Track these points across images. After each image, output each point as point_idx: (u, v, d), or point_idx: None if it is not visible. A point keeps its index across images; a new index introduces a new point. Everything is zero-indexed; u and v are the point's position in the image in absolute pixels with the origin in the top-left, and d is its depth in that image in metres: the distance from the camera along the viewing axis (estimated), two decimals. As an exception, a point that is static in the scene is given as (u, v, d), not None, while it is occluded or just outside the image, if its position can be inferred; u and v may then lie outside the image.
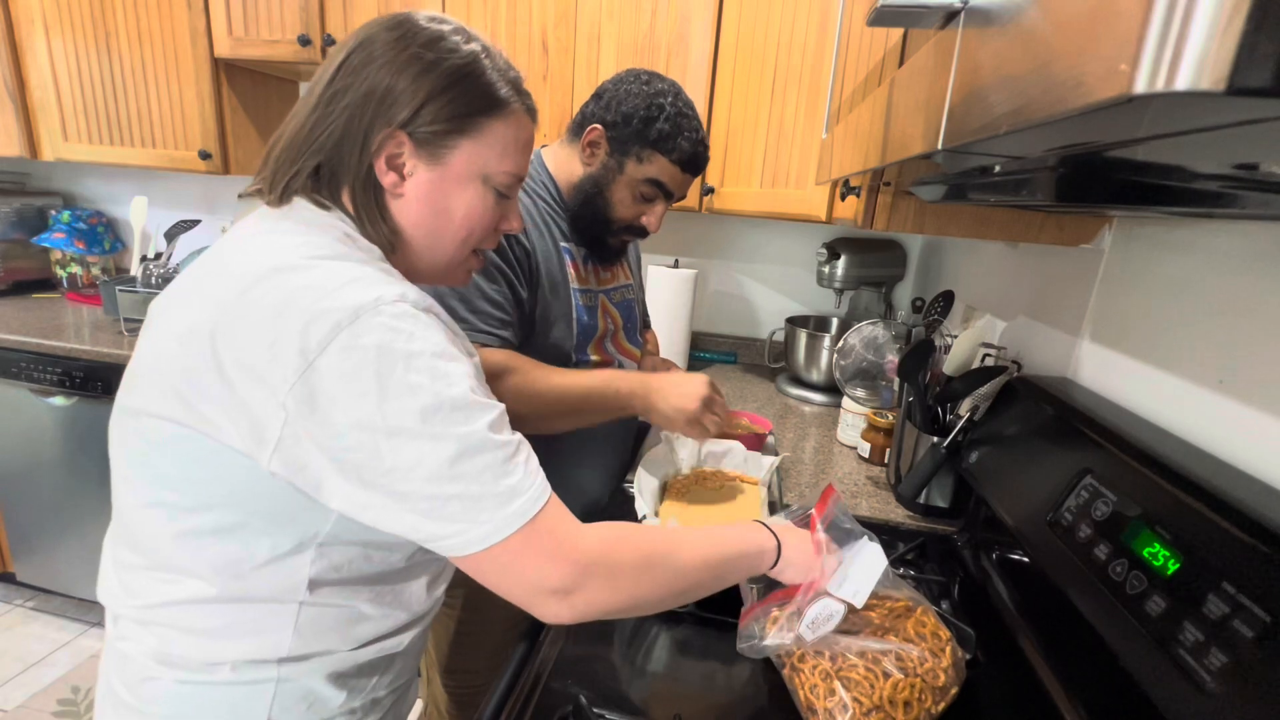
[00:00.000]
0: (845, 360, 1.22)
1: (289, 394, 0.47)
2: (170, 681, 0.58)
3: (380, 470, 0.48)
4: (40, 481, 1.83)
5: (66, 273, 2.24)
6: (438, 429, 0.49)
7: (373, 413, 0.47)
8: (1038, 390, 0.85)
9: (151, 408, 0.53)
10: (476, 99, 0.57)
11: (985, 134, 0.27)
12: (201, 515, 0.55)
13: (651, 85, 0.93)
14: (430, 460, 0.48)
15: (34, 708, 1.69)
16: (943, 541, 0.99)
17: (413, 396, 0.48)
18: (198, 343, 0.50)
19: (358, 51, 0.55)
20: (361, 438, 0.48)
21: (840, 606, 0.65)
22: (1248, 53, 0.15)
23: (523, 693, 0.64)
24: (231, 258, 0.54)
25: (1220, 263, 0.67)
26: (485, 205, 0.61)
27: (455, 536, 0.50)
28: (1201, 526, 0.52)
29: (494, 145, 0.59)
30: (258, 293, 0.49)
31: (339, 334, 0.47)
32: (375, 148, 0.55)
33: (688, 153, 0.94)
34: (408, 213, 0.58)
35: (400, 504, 0.50)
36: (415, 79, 0.54)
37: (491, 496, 0.50)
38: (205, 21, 1.72)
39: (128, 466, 0.57)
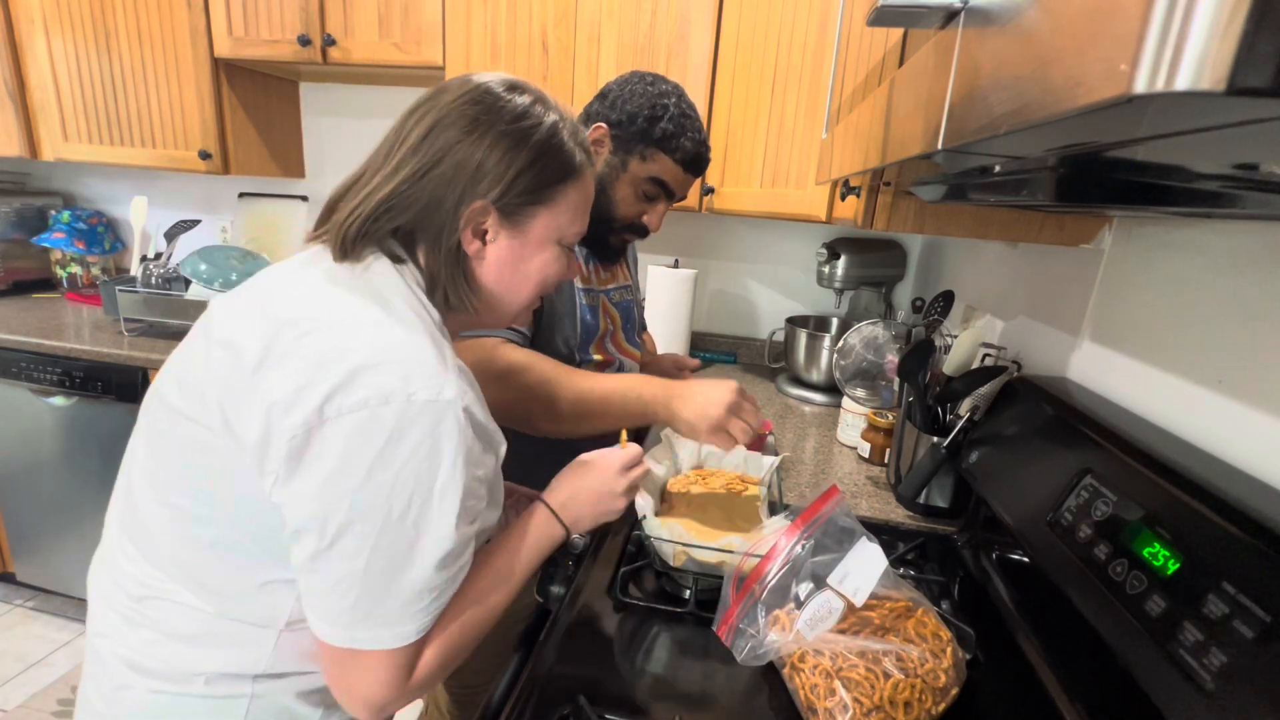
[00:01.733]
0: (845, 360, 1.22)
1: (293, 436, 0.49)
2: (143, 691, 0.58)
3: (315, 539, 0.50)
4: (40, 481, 1.83)
5: (66, 273, 2.24)
6: (384, 540, 0.51)
7: (344, 494, 0.49)
8: (1038, 390, 0.85)
9: (193, 412, 0.54)
10: (556, 170, 0.60)
11: (985, 134, 0.27)
12: (207, 527, 0.55)
13: (656, 86, 0.95)
14: (357, 561, 0.51)
15: (34, 708, 1.69)
16: (943, 541, 0.99)
17: (386, 498, 0.50)
18: (247, 366, 0.51)
19: (443, 125, 0.57)
20: (321, 501, 0.50)
21: (839, 603, 0.65)
22: (1248, 53, 0.15)
23: (523, 693, 0.64)
24: (302, 295, 0.55)
25: (1220, 263, 0.67)
26: (559, 263, 0.65)
27: (329, 625, 0.53)
28: (1201, 526, 0.52)
29: (567, 211, 0.63)
30: (311, 341, 0.51)
31: (363, 410, 0.49)
32: (464, 220, 0.57)
33: (690, 152, 0.95)
34: (486, 274, 0.62)
35: (310, 571, 0.52)
36: (504, 155, 0.57)
37: (379, 617, 0.53)
38: (205, 21, 1.72)
39: (154, 461, 0.58)
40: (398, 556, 0.52)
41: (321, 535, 0.50)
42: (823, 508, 0.74)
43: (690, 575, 0.79)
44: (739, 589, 0.70)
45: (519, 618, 1.06)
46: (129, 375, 1.66)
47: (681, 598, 0.80)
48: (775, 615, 0.67)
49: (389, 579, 0.52)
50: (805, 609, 0.66)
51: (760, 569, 0.70)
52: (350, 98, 2.08)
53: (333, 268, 0.57)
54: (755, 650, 0.66)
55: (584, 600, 0.78)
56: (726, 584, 0.72)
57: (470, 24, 1.56)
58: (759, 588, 0.69)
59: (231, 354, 0.53)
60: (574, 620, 0.75)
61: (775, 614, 0.67)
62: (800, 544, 0.71)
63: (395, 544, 0.51)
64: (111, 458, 1.76)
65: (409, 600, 0.53)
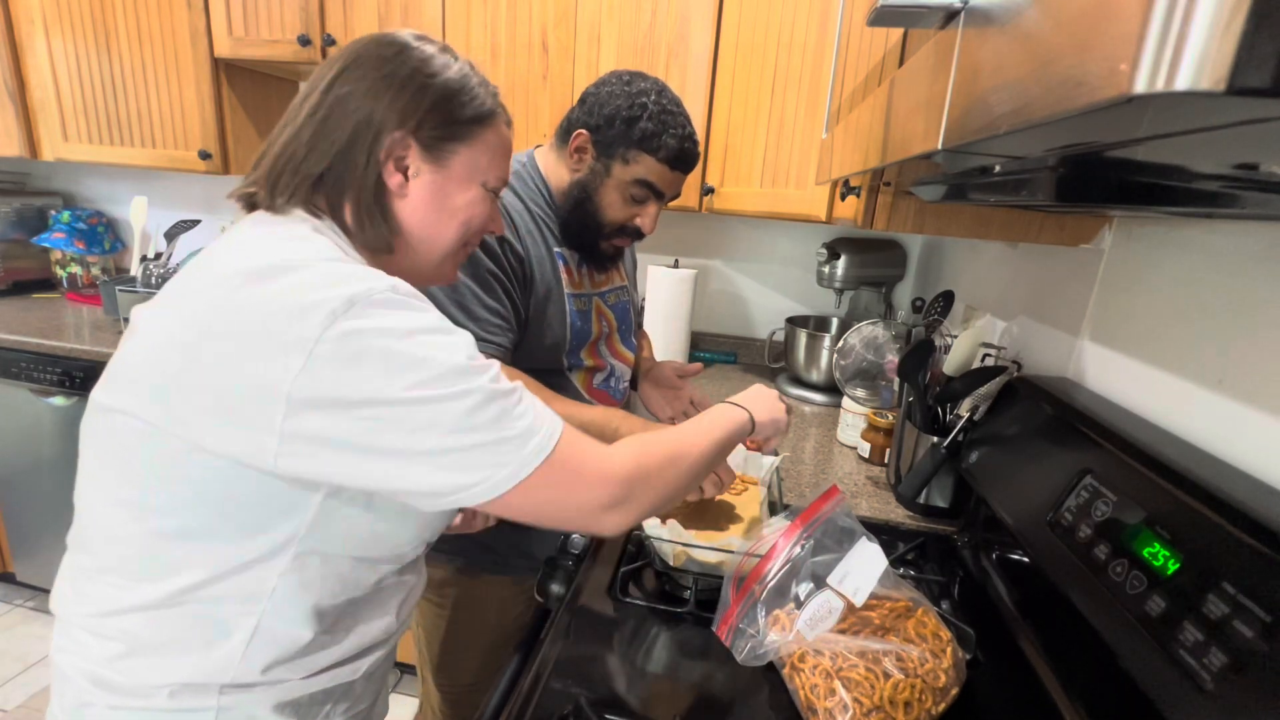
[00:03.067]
0: (845, 360, 1.22)
1: (292, 385, 0.47)
2: (103, 708, 0.56)
3: (399, 436, 0.49)
4: (40, 481, 1.83)
5: (66, 273, 2.24)
6: (446, 390, 0.50)
7: (383, 388, 0.49)
8: (1038, 390, 0.85)
9: (129, 406, 0.52)
10: (470, 110, 0.62)
11: (985, 134, 0.27)
12: (167, 517, 0.54)
13: (633, 85, 0.92)
14: (446, 417, 0.50)
15: (34, 708, 1.69)
16: (943, 541, 0.99)
17: (418, 369, 0.50)
18: (188, 345, 0.50)
19: (354, 67, 0.59)
20: (377, 412, 0.49)
21: (839, 603, 0.65)
22: (1248, 53, 0.15)
23: (522, 693, 0.64)
24: (222, 261, 0.54)
25: (1220, 263, 0.67)
26: (483, 205, 0.65)
27: (483, 482, 0.52)
28: (1201, 526, 0.52)
29: (486, 152, 0.64)
30: (249, 291, 0.50)
31: (335, 321, 0.48)
32: (384, 151, 0.58)
33: (674, 150, 0.92)
34: (411, 211, 0.62)
35: (423, 464, 0.50)
36: (417, 91, 0.59)
37: (511, 439, 0.52)
38: (205, 21, 1.72)
39: (96, 463, 0.56)
40: (460, 393, 0.51)
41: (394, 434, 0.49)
42: (823, 507, 0.74)
43: (690, 575, 0.79)
44: (739, 589, 0.70)
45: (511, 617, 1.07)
46: (129, 375, 1.65)
47: (681, 598, 0.80)
48: (775, 615, 0.67)
49: (481, 413, 0.51)
50: (805, 609, 0.66)
51: (760, 569, 0.70)
52: (350, 98, 2.08)
53: (256, 226, 0.58)
54: (755, 650, 0.66)
55: (584, 600, 0.78)
56: (726, 584, 0.72)
57: (470, 24, 1.56)
58: (759, 588, 0.69)
59: (168, 346, 0.51)
60: (574, 620, 0.75)
61: (775, 614, 0.67)
62: (800, 544, 0.71)
63: (451, 387, 0.50)
64: (111, 458, 1.76)
65: (508, 410, 0.53)
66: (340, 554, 0.58)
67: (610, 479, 0.56)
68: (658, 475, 0.60)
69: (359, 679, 0.64)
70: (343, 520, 0.56)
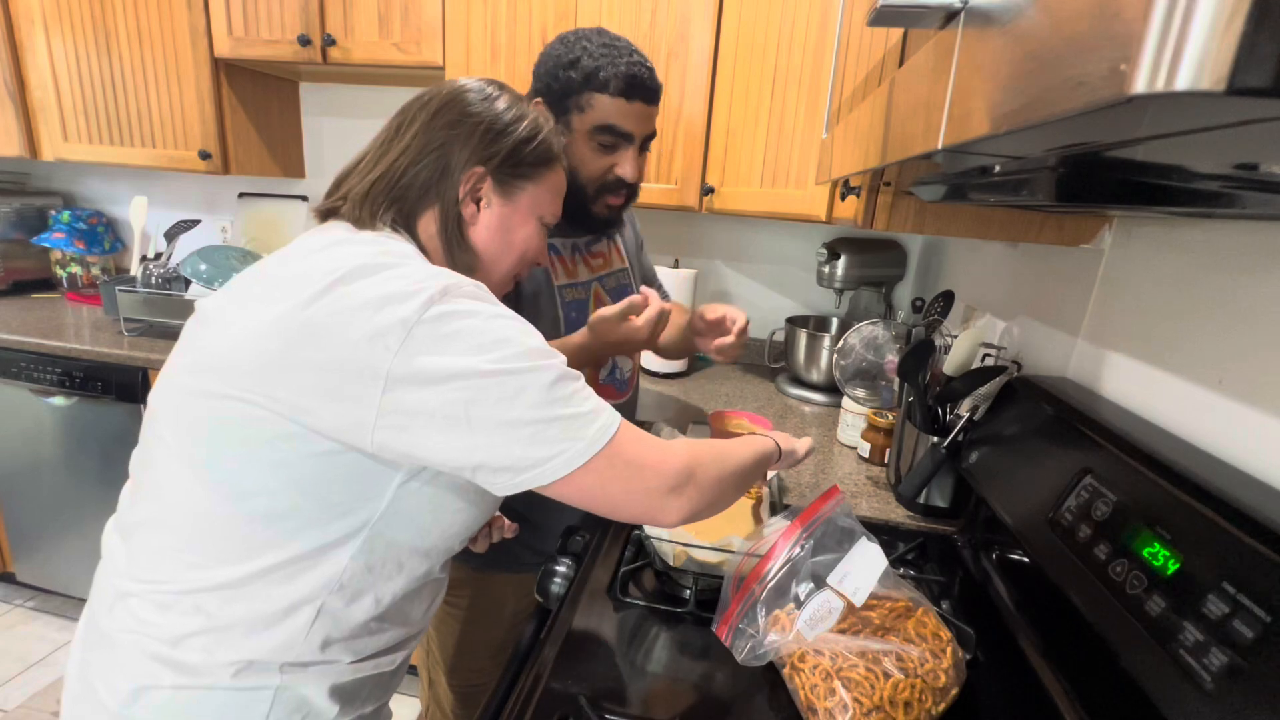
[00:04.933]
0: (845, 360, 1.22)
1: (393, 361, 0.52)
2: (168, 688, 0.57)
3: (486, 405, 0.53)
4: (40, 481, 1.83)
5: (66, 273, 2.24)
6: (531, 363, 0.55)
7: (473, 362, 0.53)
8: (1038, 390, 0.85)
9: (227, 390, 0.55)
10: (541, 153, 0.70)
11: (985, 134, 0.27)
12: (255, 500, 0.57)
13: (569, 35, 0.90)
14: (531, 388, 0.54)
15: (34, 708, 1.69)
16: (943, 541, 0.99)
17: (505, 345, 0.55)
18: (288, 331, 0.53)
19: (447, 110, 0.67)
20: (466, 383, 0.53)
21: (839, 603, 0.65)
22: (1248, 53, 0.15)
23: (523, 693, 0.64)
24: (314, 261, 0.57)
25: (1220, 263, 0.67)
26: (538, 240, 0.74)
27: (559, 456, 0.55)
28: (1201, 526, 0.52)
29: (549, 191, 0.73)
30: (352, 285, 0.54)
31: (432, 306, 0.53)
32: (464, 183, 0.66)
33: (624, 76, 0.86)
34: (478, 236, 0.69)
35: (507, 434, 0.54)
36: (499, 135, 0.67)
37: (583, 415, 0.57)
38: (205, 21, 1.72)
39: (181, 444, 0.59)
40: (536, 374, 0.55)
41: (483, 405, 0.53)
42: (822, 508, 0.74)
43: (690, 575, 0.79)
44: (738, 589, 0.70)
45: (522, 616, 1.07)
46: (129, 375, 1.66)
47: (681, 598, 0.80)
48: (775, 615, 0.67)
49: (558, 388, 0.56)
50: (805, 609, 0.66)
51: (760, 569, 0.70)
52: (350, 98, 2.08)
53: (343, 229, 0.64)
54: (755, 650, 0.66)
55: (584, 600, 0.78)
56: (726, 584, 0.72)
57: (470, 24, 1.56)
58: (759, 587, 0.69)
59: (265, 334, 0.54)
60: (574, 620, 0.75)
61: (775, 614, 0.67)
62: (800, 544, 0.71)
63: (525, 370, 0.55)
64: (111, 458, 1.76)
65: (581, 390, 0.58)
66: (403, 541, 0.63)
67: (671, 465, 0.60)
68: (712, 467, 0.64)
69: (392, 671, 0.70)
70: (412, 507, 0.61)
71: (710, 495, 0.63)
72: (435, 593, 0.72)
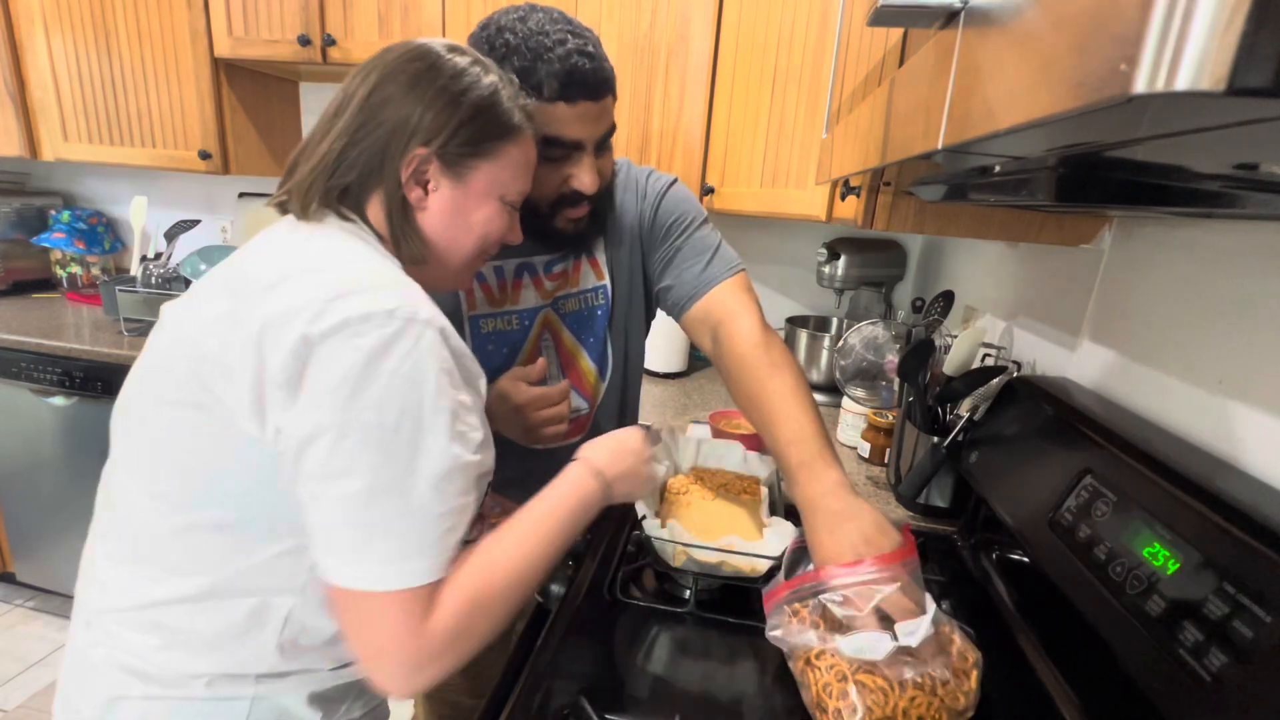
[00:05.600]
0: (845, 360, 1.22)
1: (280, 369, 0.49)
2: (139, 699, 0.57)
3: (315, 461, 0.49)
4: (40, 481, 1.83)
5: (66, 273, 2.24)
6: (381, 458, 0.50)
7: (337, 408, 0.49)
8: (1038, 390, 0.85)
9: (170, 395, 0.54)
10: (496, 127, 0.62)
11: (985, 134, 0.27)
12: (205, 510, 0.55)
13: (493, 24, 0.73)
14: (356, 481, 0.49)
15: (34, 708, 1.69)
16: (943, 541, 0.99)
17: (378, 411, 0.49)
18: (222, 332, 0.52)
19: (386, 82, 0.59)
20: (318, 420, 0.49)
21: (889, 645, 0.58)
22: (1248, 53, 0.15)
23: (523, 692, 0.64)
24: (260, 259, 0.56)
25: (1220, 263, 0.67)
26: (501, 219, 0.66)
27: (337, 560, 0.51)
28: (1201, 526, 0.52)
29: (509, 167, 0.64)
30: (288, 286, 0.51)
31: (343, 329, 0.49)
32: (406, 166, 0.59)
33: (560, 75, 0.69)
34: (430, 224, 0.63)
35: (313, 502, 0.51)
36: (444, 108, 0.59)
37: (384, 551, 0.51)
38: (205, 21, 1.72)
39: (132, 455, 0.58)
40: (396, 477, 0.50)
41: (320, 457, 0.49)
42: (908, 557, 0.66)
43: (690, 575, 0.79)
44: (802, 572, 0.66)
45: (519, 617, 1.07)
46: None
47: (681, 598, 0.80)
48: (797, 608, 0.64)
49: (394, 503, 0.51)
50: (858, 634, 0.60)
51: (833, 572, 0.64)
52: (350, 98, 2.08)
53: (293, 226, 0.60)
54: (786, 636, 0.63)
55: (584, 600, 0.78)
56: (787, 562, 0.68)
57: (470, 24, 1.55)
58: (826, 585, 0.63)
59: (196, 324, 0.54)
60: (574, 620, 0.75)
61: (797, 607, 0.64)
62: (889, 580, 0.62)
63: (394, 461, 0.50)
64: (111, 458, 1.76)
65: (419, 530, 0.52)
66: None
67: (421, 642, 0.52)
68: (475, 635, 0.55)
69: None
70: None
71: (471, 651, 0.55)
72: None
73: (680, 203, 0.93)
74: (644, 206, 0.92)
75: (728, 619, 0.75)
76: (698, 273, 0.90)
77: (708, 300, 0.88)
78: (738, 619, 0.74)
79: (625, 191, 0.92)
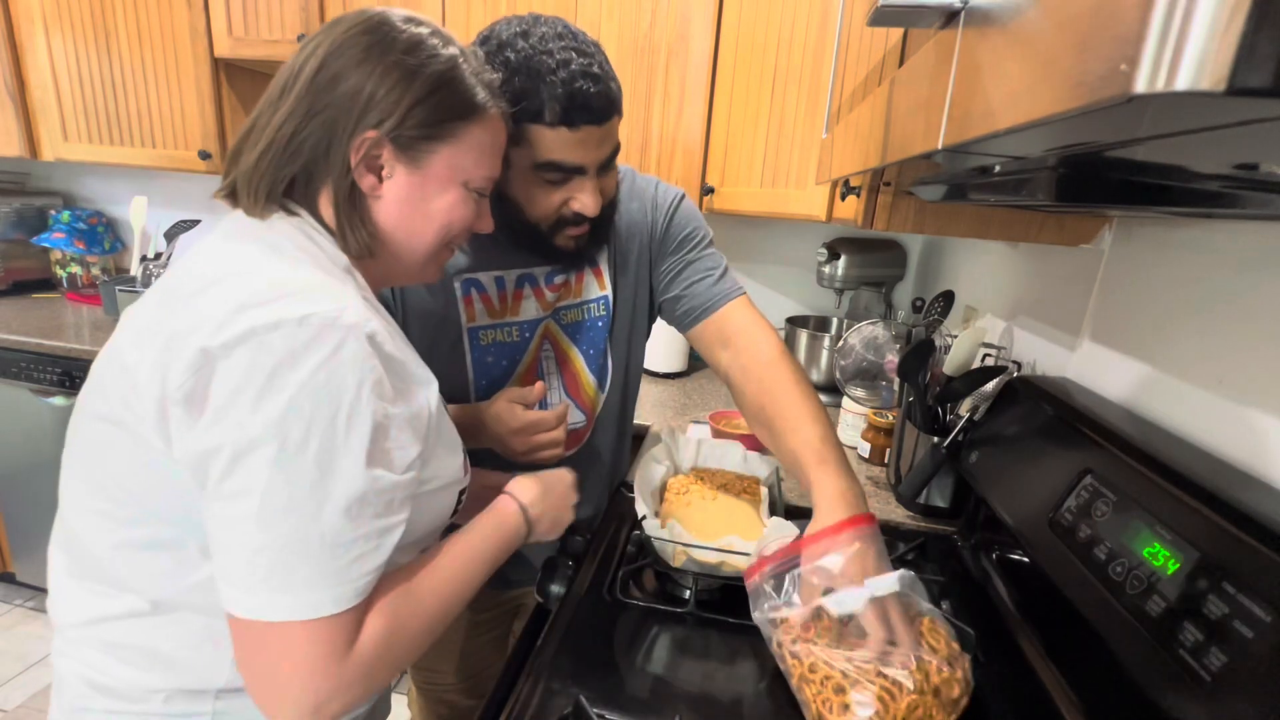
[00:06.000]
0: (845, 360, 1.22)
1: (178, 387, 0.46)
2: (100, 713, 0.56)
3: (213, 479, 0.46)
4: (40, 481, 1.83)
5: (66, 273, 2.24)
6: (282, 478, 0.45)
7: (237, 425, 0.45)
8: (1038, 390, 0.85)
9: (101, 409, 0.52)
10: (455, 105, 0.57)
11: (985, 134, 0.27)
12: (138, 528, 0.53)
13: (492, 39, 0.70)
14: (252, 502, 0.45)
15: (34, 708, 1.69)
16: (943, 541, 0.99)
17: (279, 427, 0.45)
18: (143, 345, 0.49)
19: (334, 57, 0.54)
20: (217, 436, 0.45)
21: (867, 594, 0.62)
22: (1248, 53, 0.15)
23: (522, 692, 0.64)
24: (191, 265, 0.54)
25: (1220, 263, 0.67)
26: (465, 207, 0.61)
27: (233, 588, 0.47)
28: (1201, 526, 0.52)
29: (472, 150, 0.59)
30: (203, 297, 0.49)
31: (251, 339, 0.45)
32: (355, 151, 0.54)
33: (563, 99, 0.67)
34: (386, 214, 0.58)
35: (212, 524, 0.47)
36: (396, 84, 0.53)
37: (289, 580, 0.46)
38: (205, 21, 1.72)
39: (74, 470, 0.56)
40: (300, 499, 0.46)
41: (216, 476, 0.45)
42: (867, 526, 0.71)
43: (690, 575, 0.79)
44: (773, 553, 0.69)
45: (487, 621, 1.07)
46: (129, 375, 1.66)
47: (681, 598, 0.79)
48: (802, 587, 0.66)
49: (294, 528, 0.46)
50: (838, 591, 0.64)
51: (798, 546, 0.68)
52: (350, 98, 2.08)
53: (231, 226, 0.56)
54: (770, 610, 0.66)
55: (584, 600, 0.78)
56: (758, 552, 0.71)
57: (470, 24, 1.56)
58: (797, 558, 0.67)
59: (127, 335, 0.51)
60: (574, 620, 0.75)
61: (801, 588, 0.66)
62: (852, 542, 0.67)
63: (295, 483, 0.45)
64: (111, 458, 1.76)
65: (321, 557, 0.47)
66: None
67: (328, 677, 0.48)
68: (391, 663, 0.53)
69: None
70: None
71: (399, 666, 0.54)
72: None
73: (692, 218, 0.95)
74: (656, 216, 0.92)
75: (728, 619, 0.75)
76: (710, 285, 0.91)
77: (723, 314, 0.90)
78: (738, 619, 0.74)
79: (631, 201, 0.91)
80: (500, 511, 0.68)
